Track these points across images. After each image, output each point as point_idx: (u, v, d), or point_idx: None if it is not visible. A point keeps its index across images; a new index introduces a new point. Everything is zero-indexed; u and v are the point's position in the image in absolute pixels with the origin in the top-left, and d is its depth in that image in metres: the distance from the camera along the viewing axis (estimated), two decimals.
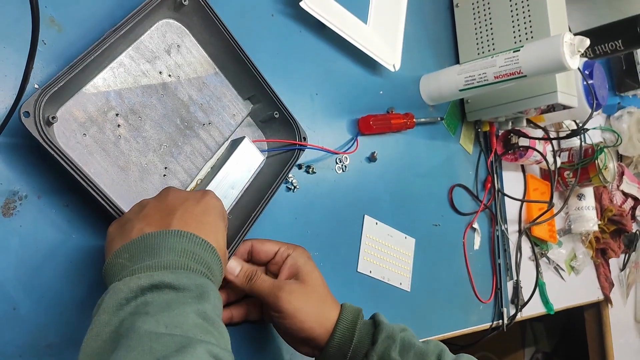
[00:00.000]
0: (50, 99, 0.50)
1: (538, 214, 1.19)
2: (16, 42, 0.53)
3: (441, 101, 1.03)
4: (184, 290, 0.42)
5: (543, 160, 1.18)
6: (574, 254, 1.42)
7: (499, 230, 1.14)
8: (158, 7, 0.59)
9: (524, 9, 1.00)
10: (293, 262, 0.63)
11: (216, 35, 0.65)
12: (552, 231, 1.30)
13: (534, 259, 1.23)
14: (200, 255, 0.46)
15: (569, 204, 1.41)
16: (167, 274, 0.43)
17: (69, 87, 0.53)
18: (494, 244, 1.13)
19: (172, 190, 0.53)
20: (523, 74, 0.86)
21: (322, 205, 0.80)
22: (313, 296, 0.62)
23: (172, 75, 0.63)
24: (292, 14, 0.80)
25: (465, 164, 1.10)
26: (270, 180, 0.67)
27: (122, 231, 0.48)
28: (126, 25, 0.55)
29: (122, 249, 0.46)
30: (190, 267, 0.45)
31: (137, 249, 0.45)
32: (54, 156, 0.49)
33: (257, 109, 0.71)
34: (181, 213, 0.49)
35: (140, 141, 0.59)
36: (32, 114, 0.48)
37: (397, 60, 0.92)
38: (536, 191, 1.28)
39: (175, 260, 0.44)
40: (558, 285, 1.33)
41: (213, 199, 0.53)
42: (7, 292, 0.49)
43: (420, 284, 0.93)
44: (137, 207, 0.51)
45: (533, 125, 1.13)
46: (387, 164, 0.91)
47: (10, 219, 0.50)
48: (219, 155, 0.66)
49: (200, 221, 0.49)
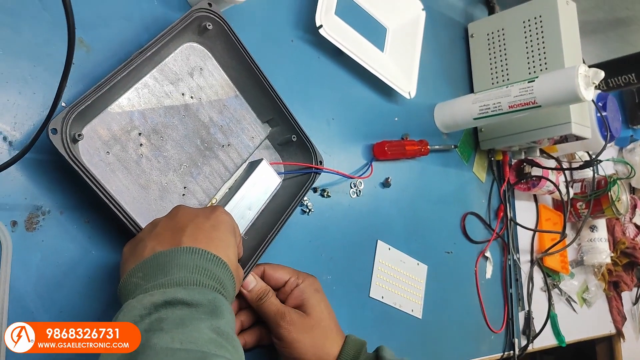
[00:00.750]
0: (77, 117, 0.51)
1: (550, 244, 1.19)
2: (46, 61, 0.54)
3: (455, 129, 1.04)
4: (197, 306, 0.43)
5: (556, 191, 1.18)
6: (586, 286, 1.41)
7: (511, 259, 1.13)
8: (183, 31, 0.61)
9: (539, 41, 1.02)
10: (299, 294, 0.63)
11: (238, 59, 0.67)
12: (564, 262, 1.29)
13: (546, 289, 1.22)
14: (212, 270, 0.47)
15: (581, 236, 1.40)
16: (180, 290, 0.43)
17: (95, 106, 0.54)
18: (505, 274, 1.13)
19: (182, 208, 0.53)
20: (537, 104, 0.87)
21: (336, 229, 0.80)
22: (315, 330, 0.62)
23: (194, 97, 0.65)
24: (311, 40, 0.82)
25: (478, 192, 1.11)
26: (286, 203, 0.68)
27: (135, 251, 0.49)
28: (152, 47, 0.57)
29: (135, 269, 0.46)
30: (202, 282, 0.45)
31: (150, 267, 0.46)
32: (78, 172, 0.50)
33: (275, 132, 0.72)
34: (191, 230, 0.49)
35: (161, 160, 0.60)
36: (59, 131, 0.49)
37: (412, 87, 0.93)
38: (548, 221, 1.28)
39: (187, 276, 0.45)
40: (570, 317, 1.32)
41: (222, 214, 0.53)
42: (27, 306, 0.50)
43: (431, 312, 0.93)
44: (149, 227, 0.52)
45: (546, 156, 1.14)
46: (401, 189, 0.92)
47: (33, 233, 0.51)
48: (237, 176, 0.67)
49: (211, 237, 0.49)
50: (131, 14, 0.62)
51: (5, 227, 0.49)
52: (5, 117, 0.51)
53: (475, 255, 1.06)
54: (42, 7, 0.55)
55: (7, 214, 0.50)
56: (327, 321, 0.63)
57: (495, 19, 1.12)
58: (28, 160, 0.52)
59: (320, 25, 0.76)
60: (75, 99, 0.51)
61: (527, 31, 1.04)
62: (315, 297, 0.64)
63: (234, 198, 0.63)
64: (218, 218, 0.52)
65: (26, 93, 0.53)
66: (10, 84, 0.52)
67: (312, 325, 0.62)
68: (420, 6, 0.98)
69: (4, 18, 0.52)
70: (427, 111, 1.02)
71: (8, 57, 0.52)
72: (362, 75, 0.88)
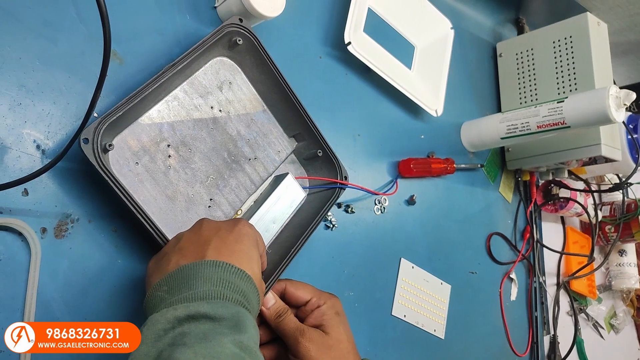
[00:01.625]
0: (108, 128, 0.52)
1: (577, 267, 1.16)
2: (81, 72, 0.56)
3: (482, 148, 1.03)
4: (220, 320, 0.42)
5: (584, 213, 1.16)
6: (614, 312, 1.37)
7: (537, 282, 1.11)
8: (214, 45, 0.62)
9: (569, 61, 1.01)
10: (320, 315, 0.62)
11: (266, 74, 0.67)
12: (591, 286, 1.26)
13: (572, 314, 1.20)
14: (236, 283, 0.46)
15: (609, 260, 1.37)
16: (203, 304, 0.43)
17: (126, 118, 0.55)
18: (531, 296, 1.11)
19: (206, 221, 0.53)
20: (567, 124, 0.86)
21: (359, 246, 0.80)
22: (333, 350, 0.60)
23: (223, 110, 0.65)
24: (339, 57, 0.82)
25: (504, 212, 1.09)
26: (310, 217, 0.68)
27: (160, 265, 0.49)
28: (183, 61, 0.58)
29: (160, 282, 0.47)
30: (226, 296, 0.45)
31: (175, 281, 0.46)
32: (107, 182, 0.51)
33: (301, 147, 0.72)
34: (215, 243, 0.49)
35: (188, 172, 0.61)
36: (90, 140, 0.50)
37: (439, 105, 0.93)
38: (576, 244, 1.25)
39: (211, 290, 0.44)
40: (597, 344, 1.28)
41: (245, 227, 0.53)
42: (53, 312, 0.51)
43: (454, 332, 0.91)
44: (173, 241, 0.52)
45: (574, 177, 1.12)
46: (426, 208, 0.91)
47: (61, 240, 0.52)
48: (262, 189, 0.67)
49: (234, 250, 0.49)
50: (164, 28, 0.64)
51: (35, 233, 0.50)
52: (39, 126, 0.52)
53: (500, 277, 1.05)
54: (79, 19, 0.57)
55: (38, 221, 0.51)
56: (345, 343, 0.62)
57: (525, 39, 1.12)
58: (59, 169, 0.53)
59: (348, 42, 0.77)
60: (106, 110, 0.52)
61: (557, 51, 1.03)
62: (335, 319, 0.63)
63: (258, 211, 0.64)
64: (241, 231, 0.52)
65: (60, 103, 0.54)
66: (45, 94, 0.53)
67: (330, 345, 0.60)
68: (449, 25, 0.98)
69: (41, 29, 0.54)
70: (453, 129, 1.01)
71: (44, 68, 0.54)
72: (390, 92, 0.88)
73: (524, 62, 1.08)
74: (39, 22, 0.54)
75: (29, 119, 0.52)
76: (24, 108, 0.52)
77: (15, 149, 0.51)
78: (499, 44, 1.15)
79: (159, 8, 0.64)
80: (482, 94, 1.10)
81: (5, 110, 0.51)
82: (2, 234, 0.49)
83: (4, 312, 0.48)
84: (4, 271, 0.48)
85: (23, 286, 0.49)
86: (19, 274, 0.49)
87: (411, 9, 0.94)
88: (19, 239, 0.49)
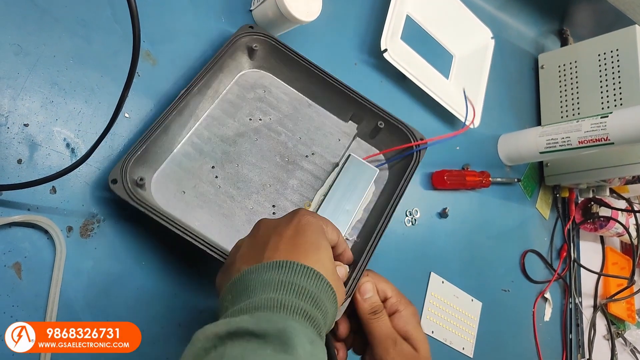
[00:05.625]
0: (137, 163, 0.53)
1: (616, 290, 1.11)
2: (113, 72, 0.56)
3: (519, 162, 1.00)
4: (264, 337, 0.36)
5: (625, 233, 1.11)
6: None
7: (572, 303, 1.07)
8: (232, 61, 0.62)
9: (614, 75, 0.97)
10: (402, 324, 0.55)
11: (298, 70, 0.66)
12: (631, 310, 1.21)
13: (609, 338, 1.15)
14: (300, 284, 0.40)
15: None
16: (246, 318, 0.37)
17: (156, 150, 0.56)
18: (565, 317, 1.06)
19: (263, 221, 0.48)
20: (610, 141, 0.82)
21: (389, 258, 0.78)
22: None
23: (262, 118, 0.65)
24: (374, 64, 0.81)
25: (540, 229, 1.06)
26: (389, 194, 0.65)
27: (225, 275, 0.46)
28: (198, 82, 0.57)
29: (226, 291, 0.43)
30: (284, 304, 0.39)
31: (237, 289, 0.42)
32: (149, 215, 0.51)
33: (362, 127, 0.70)
34: (274, 241, 0.44)
35: (241, 186, 0.61)
36: (119, 180, 0.50)
37: (476, 117, 0.90)
38: (615, 265, 1.20)
39: (269, 297, 0.39)
40: None
41: (306, 215, 0.47)
42: (75, 312, 0.50)
43: (484, 351, 0.88)
44: (234, 250, 0.49)
45: (616, 196, 1.08)
46: (459, 221, 0.89)
47: (87, 240, 0.52)
48: (330, 181, 0.65)
49: (295, 243, 0.44)
50: (199, 30, 0.63)
51: (61, 232, 0.49)
52: (70, 124, 0.52)
53: (534, 296, 1.01)
54: (114, 20, 0.57)
55: (64, 219, 0.51)
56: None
57: (569, 51, 1.08)
58: (87, 168, 0.53)
59: (385, 49, 0.75)
60: (137, 110, 0.52)
61: (602, 64, 1.00)
62: (422, 334, 0.55)
63: (326, 199, 0.63)
64: (301, 220, 0.46)
65: (92, 102, 0.54)
66: (77, 92, 0.53)
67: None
68: (490, 34, 0.95)
69: (77, 28, 0.54)
70: (490, 142, 0.99)
71: (78, 67, 0.54)
72: (425, 101, 0.86)
73: (567, 74, 1.05)
74: (74, 21, 0.54)
75: (60, 116, 0.52)
76: (55, 106, 0.52)
77: (45, 147, 0.51)
78: (541, 55, 1.12)
79: (194, 10, 0.64)
80: (521, 106, 1.07)
81: (37, 108, 0.51)
82: (28, 231, 0.49)
83: (27, 309, 0.47)
84: (29, 268, 0.48)
85: (47, 284, 0.49)
86: (44, 272, 0.49)
87: (451, 17, 0.92)
88: (44, 236, 0.49)
